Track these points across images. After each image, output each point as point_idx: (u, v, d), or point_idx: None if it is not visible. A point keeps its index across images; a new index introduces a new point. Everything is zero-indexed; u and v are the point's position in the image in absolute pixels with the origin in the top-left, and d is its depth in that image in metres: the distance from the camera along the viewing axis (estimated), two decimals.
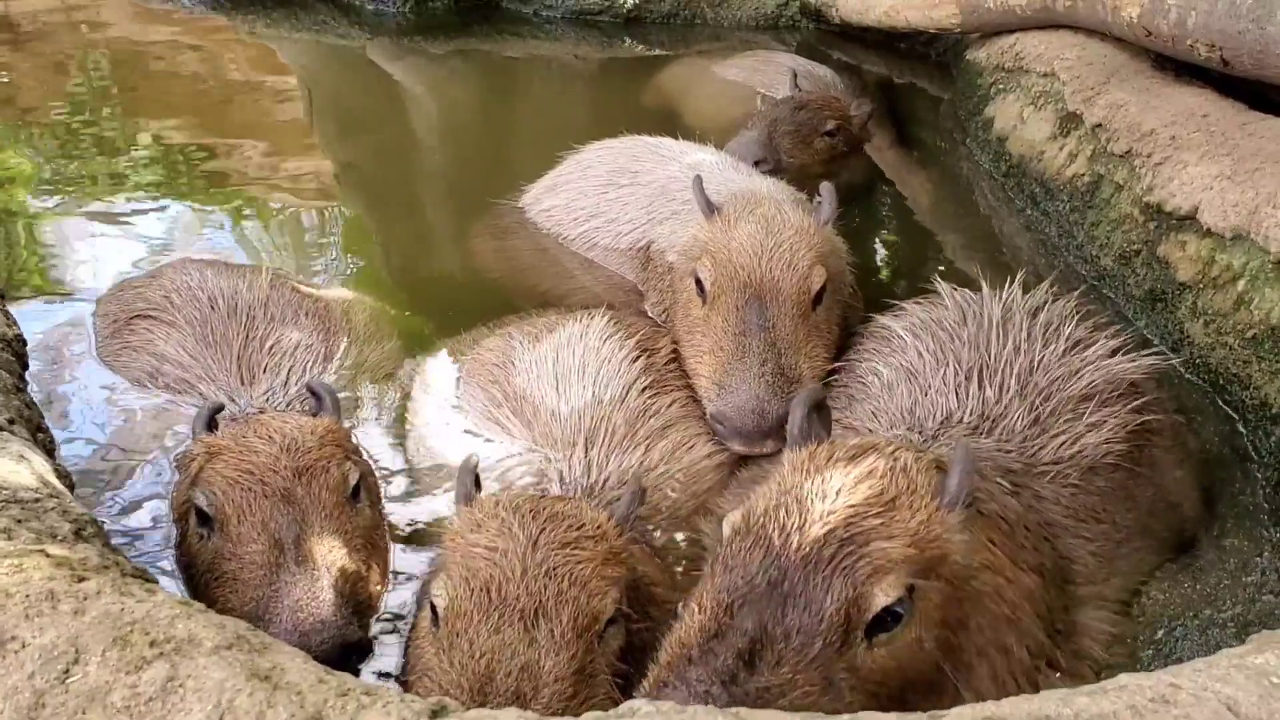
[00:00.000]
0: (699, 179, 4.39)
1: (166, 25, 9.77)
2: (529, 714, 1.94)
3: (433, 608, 2.69)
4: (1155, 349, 3.90)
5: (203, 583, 3.14)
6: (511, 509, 2.80)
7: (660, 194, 5.07)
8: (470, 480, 2.99)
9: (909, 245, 6.34)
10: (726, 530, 2.54)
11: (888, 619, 2.39)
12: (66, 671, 1.86)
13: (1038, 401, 3.46)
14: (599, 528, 2.83)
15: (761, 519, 2.48)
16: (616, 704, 2.55)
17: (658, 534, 3.43)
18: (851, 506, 2.45)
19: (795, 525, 2.42)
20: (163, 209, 6.26)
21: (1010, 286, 3.92)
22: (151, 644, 1.92)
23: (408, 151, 7.43)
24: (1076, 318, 3.84)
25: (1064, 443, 3.35)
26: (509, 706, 2.37)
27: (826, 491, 2.48)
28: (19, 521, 2.34)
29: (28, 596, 1.99)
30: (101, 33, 9.72)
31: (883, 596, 2.37)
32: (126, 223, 6.01)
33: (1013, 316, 3.77)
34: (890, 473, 2.54)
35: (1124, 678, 2.03)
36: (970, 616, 2.57)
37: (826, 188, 4.41)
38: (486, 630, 2.55)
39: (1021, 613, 2.73)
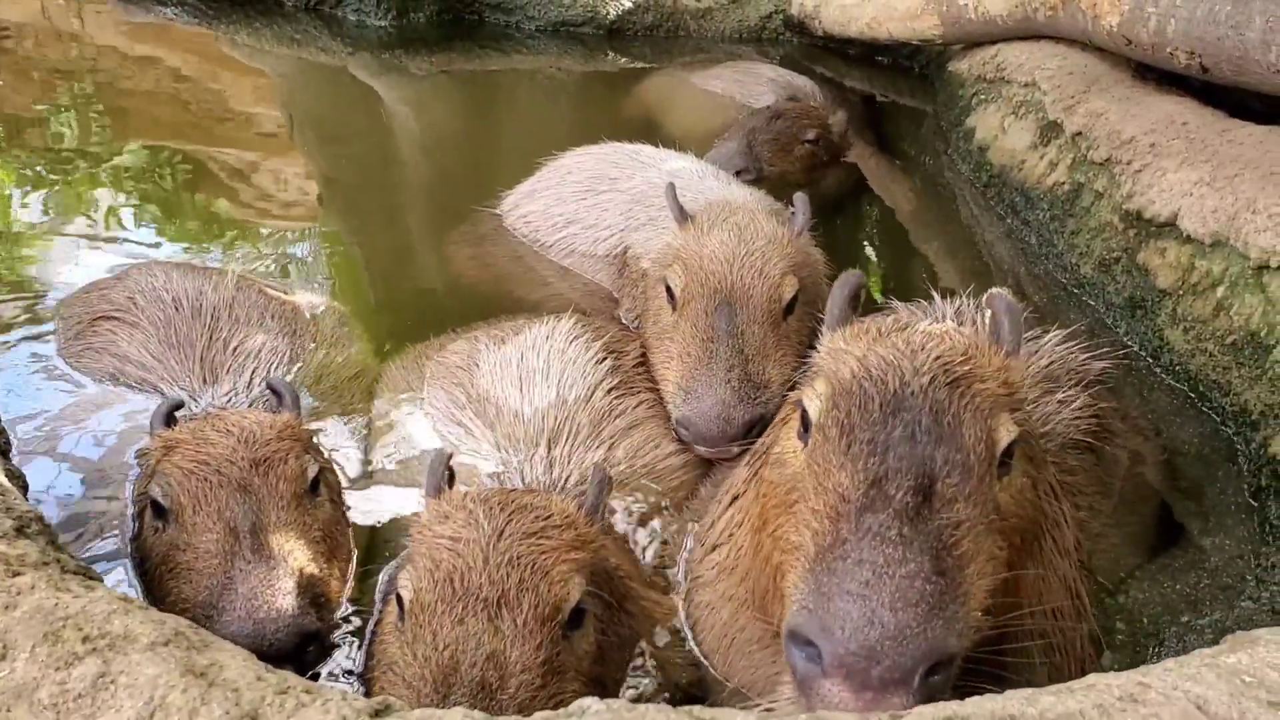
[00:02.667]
0: (671, 186, 4.36)
1: (150, 36, 9.71)
2: (476, 714, 1.86)
3: (399, 600, 2.64)
4: (1105, 349, 3.87)
5: (156, 576, 3.07)
6: (479, 501, 2.76)
7: (638, 200, 5.03)
8: (441, 472, 2.94)
9: (891, 255, 6.32)
10: (815, 404, 2.39)
11: (1007, 457, 2.31)
12: None
13: None
14: (567, 517, 2.79)
15: (857, 380, 2.33)
16: None
17: (624, 529, 3.38)
18: (938, 358, 2.34)
19: (897, 378, 2.30)
20: (144, 218, 6.22)
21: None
22: (84, 640, 1.85)
23: (389, 164, 7.39)
24: (1025, 314, 3.81)
25: (1038, 419, 3.29)
26: (474, 697, 2.36)
27: (902, 351, 2.37)
28: None
29: None
30: (85, 43, 9.67)
31: (1006, 432, 2.29)
32: (107, 232, 5.96)
33: (966, 315, 3.73)
34: (945, 333, 2.47)
35: (1092, 677, 1.96)
36: (1038, 480, 2.50)
37: (800, 198, 4.37)
38: (450, 621, 2.50)
39: (1063, 494, 2.67)
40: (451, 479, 2.99)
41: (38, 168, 6.84)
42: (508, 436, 3.58)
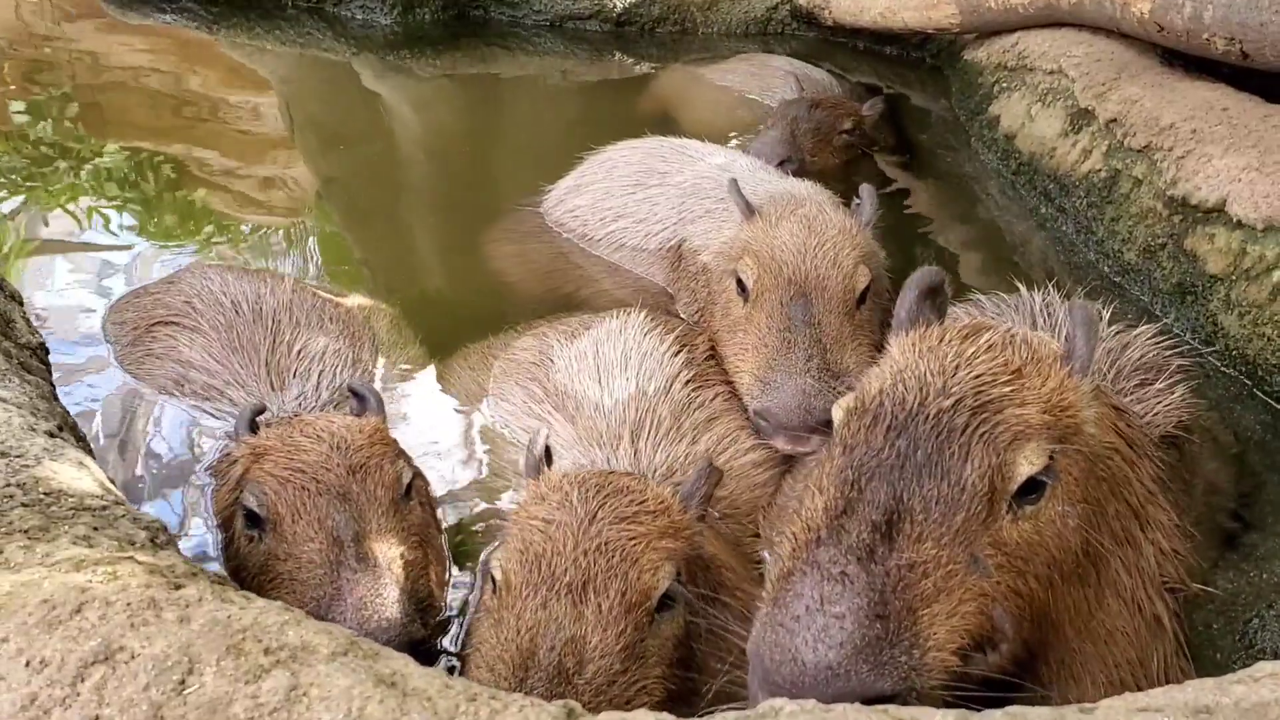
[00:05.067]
0: (734, 181, 4.34)
1: (138, 38, 9.56)
2: (665, 715, 1.83)
3: (491, 580, 2.64)
4: (1186, 344, 3.87)
5: (255, 585, 3.00)
6: (576, 483, 2.75)
7: (692, 193, 5.00)
8: (540, 453, 2.93)
9: (922, 247, 6.28)
10: (838, 415, 2.37)
11: (1031, 489, 2.25)
12: (182, 682, 1.73)
13: (1105, 367, 3.38)
14: (662, 504, 2.77)
15: (878, 398, 2.29)
16: (669, 692, 2.53)
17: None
18: (977, 377, 2.29)
19: (917, 400, 2.25)
20: (127, 221, 6.12)
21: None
22: (266, 652, 1.81)
23: (392, 166, 7.32)
24: (1111, 309, 3.81)
25: (1141, 411, 3.25)
26: (550, 682, 2.37)
27: (945, 366, 2.31)
28: (95, 529, 2.21)
29: (129, 605, 1.86)
30: (71, 44, 9.51)
31: (1026, 464, 2.23)
32: (89, 236, 5.87)
33: (1054, 307, 3.71)
34: (1010, 344, 2.40)
35: (1268, 665, 1.96)
36: (1106, 501, 2.44)
37: (867, 189, 4.38)
38: (534, 604, 2.50)
39: (1150, 509, 2.61)
40: (550, 459, 2.97)
41: (15, 170, 6.71)
42: (589, 430, 3.55)
